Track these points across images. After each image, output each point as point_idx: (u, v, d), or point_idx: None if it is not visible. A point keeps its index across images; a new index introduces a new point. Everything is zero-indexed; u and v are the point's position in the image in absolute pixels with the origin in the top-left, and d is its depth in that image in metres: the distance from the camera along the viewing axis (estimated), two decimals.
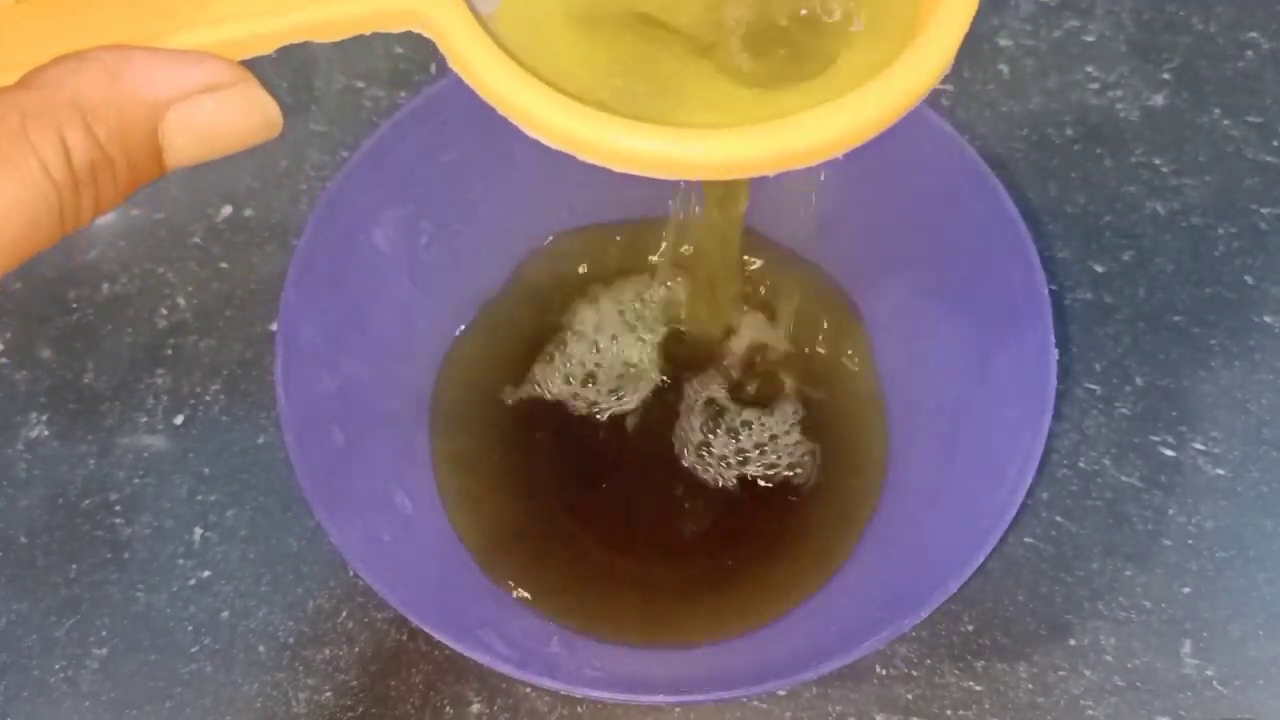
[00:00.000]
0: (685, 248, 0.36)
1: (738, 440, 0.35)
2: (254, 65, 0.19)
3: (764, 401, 0.36)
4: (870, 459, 0.35)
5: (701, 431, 0.35)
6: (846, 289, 0.37)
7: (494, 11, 0.21)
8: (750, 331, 0.37)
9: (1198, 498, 0.35)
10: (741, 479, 0.35)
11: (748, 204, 0.32)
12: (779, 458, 0.35)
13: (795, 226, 0.37)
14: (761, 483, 0.35)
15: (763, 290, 0.37)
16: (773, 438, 0.35)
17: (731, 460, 0.35)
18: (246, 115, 0.19)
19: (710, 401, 0.36)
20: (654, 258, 0.37)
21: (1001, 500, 0.28)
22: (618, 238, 0.38)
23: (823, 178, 0.34)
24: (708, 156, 0.19)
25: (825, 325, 0.37)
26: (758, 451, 0.35)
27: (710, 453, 0.35)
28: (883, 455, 0.34)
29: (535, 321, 0.37)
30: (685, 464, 0.35)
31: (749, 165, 0.19)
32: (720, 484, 0.35)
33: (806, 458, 0.35)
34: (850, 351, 0.36)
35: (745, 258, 0.37)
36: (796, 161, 0.20)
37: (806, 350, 0.36)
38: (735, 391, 0.36)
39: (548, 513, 0.35)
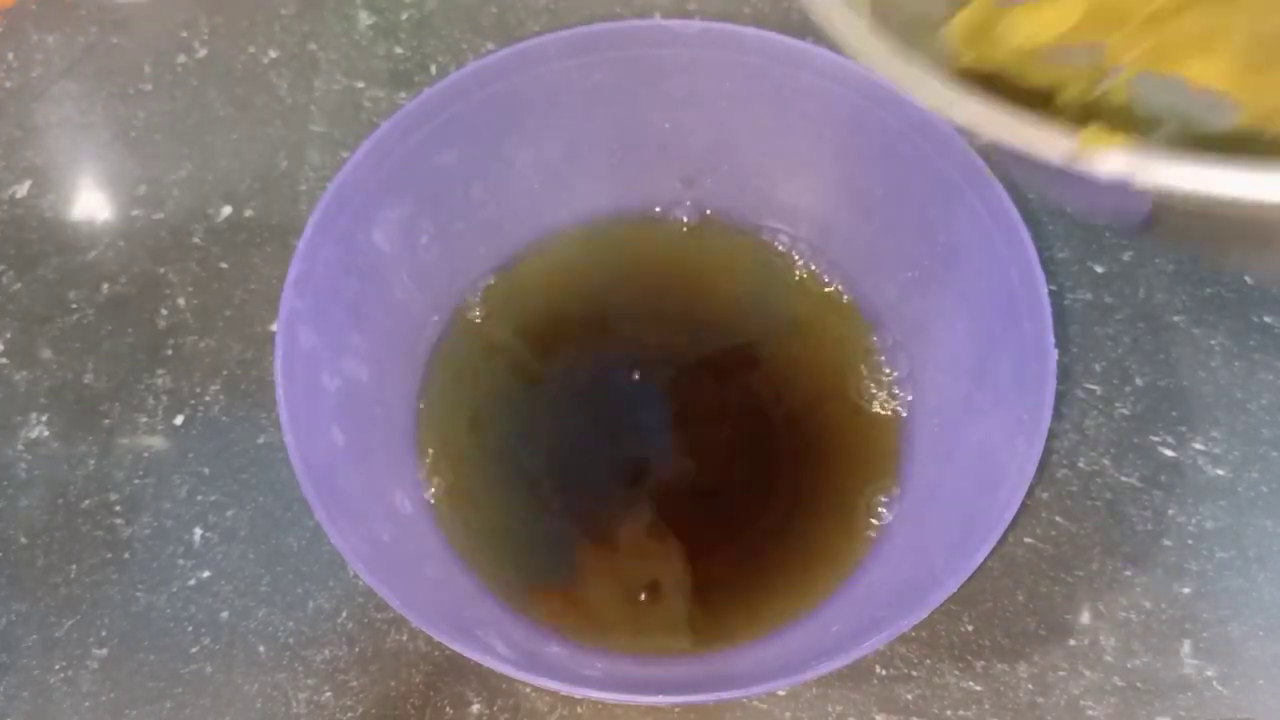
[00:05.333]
0: None
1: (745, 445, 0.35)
2: (255, 64, 0.19)
3: (764, 402, 0.36)
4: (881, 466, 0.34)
5: (704, 436, 0.36)
6: (848, 289, 0.37)
7: None
8: (751, 334, 0.37)
9: (1198, 498, 0.35)
10: (747, 484, 0.35)
11: None
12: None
13: (796, 228, 0.37)
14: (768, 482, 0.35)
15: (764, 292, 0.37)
16: (776, 439, 0.35)
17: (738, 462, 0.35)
18: None
19: (719, 406, 0.36)
20: None
21: (1001, 500, 0.28)
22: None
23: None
24: None
25: (829, 327, 0.37)
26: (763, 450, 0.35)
27: (713, 455, 0.35)
28: (894, 464, 0.34)
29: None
30: (689, 468, 0.35)
31: None
32: (724, 490, 0.35)
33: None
34: (856, 354, 0.36)
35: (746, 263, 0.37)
36: None
37: (810, 353, 0.36)
38: (737, 391, 0.36)
39: (541, 520, 0.35)
